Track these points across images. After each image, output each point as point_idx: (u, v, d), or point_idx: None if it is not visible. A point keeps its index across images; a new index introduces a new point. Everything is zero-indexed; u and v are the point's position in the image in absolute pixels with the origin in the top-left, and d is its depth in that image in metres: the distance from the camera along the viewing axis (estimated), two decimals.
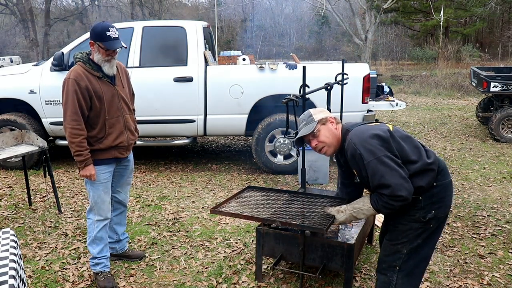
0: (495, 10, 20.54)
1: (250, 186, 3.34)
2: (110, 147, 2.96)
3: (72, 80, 2.81)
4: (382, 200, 2.16)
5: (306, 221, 2.57)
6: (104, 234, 3.07)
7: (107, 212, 3.06)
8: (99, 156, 2.94)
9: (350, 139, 2.23)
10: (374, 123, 2.34)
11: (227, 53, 6.47)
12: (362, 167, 2.20)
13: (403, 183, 2.10)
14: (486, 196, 4.80)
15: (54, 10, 30.01)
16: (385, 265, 2.34)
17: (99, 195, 2.99)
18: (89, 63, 2.88)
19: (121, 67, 3.10)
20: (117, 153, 3.02)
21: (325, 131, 2.37)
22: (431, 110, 10.90)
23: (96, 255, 3.05)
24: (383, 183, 2.11)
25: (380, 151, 2.12)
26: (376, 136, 2.16)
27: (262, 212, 2.77)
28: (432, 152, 2.29)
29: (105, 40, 2.80)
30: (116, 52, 2.90)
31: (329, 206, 2.60)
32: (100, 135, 2.92)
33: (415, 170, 2.17)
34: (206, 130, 5.69)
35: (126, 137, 3.04)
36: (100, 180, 2.97)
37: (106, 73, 2.90)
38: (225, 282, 3.11)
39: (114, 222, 3.32)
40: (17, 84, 5.75)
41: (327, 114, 2.43)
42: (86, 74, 2.85)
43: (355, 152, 2.18)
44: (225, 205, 2.90)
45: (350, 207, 2.38)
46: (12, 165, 5.91)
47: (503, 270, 3.25)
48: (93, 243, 3.05)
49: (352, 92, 5.23)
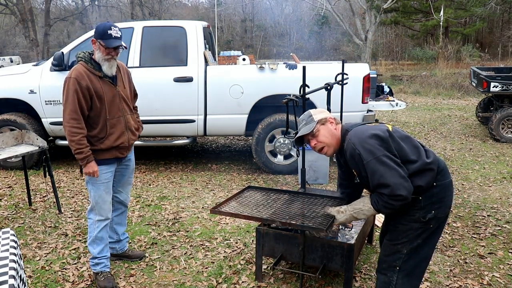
0: (495, 10, 20.54)
1: (250, 186, 3.34)
2: (111, 147, 2.96)
3: (73, 79, 2.81)
4: (382, 200, 2.16)
5: (306, 221, 2.57)
6: (104, 234, 3.07)
7: (108, 212, 3.06)
8: (100, 156, 2.94)
9: (349, 139, 2.24)
10: (373, 124, 2.34)
11: (227, 53, 6.47)
12: (361, 167, 2.20)
13: (403, 182, 2.10)
14: (486, 196, 4.80)
15: (54, 10, 29.99)
16: (385, 265, 2.34)
17: (100, 195, 2.99)
18: (91, 62, 2.89)
19: (123, 68, 3.11)
20: (118, 153, 3.02)
21: (325, 131, 2.38)
22: (431, 110, 10.90)
23: (96, 255, 3.06)
24: (383, 183, 2.12)
25: (379, 151, 2.13)
26: (375, 136, 2.16)
27: (262, 212, 2.77)
28: (431, 152, 2.29)
29: (105, 38, 2.81)
30: (118, 52, 2.90)
31: (329, 206, 2.60)
32: (101, 135, 2.92)
33: (414, 170, 2.17)
34: (206, 130, 5.69)
35: (127, 138, 3.04)
36: (101, 180, 2.97)
37: (105, 73, 2.90)
38: (225, 282, 3.11)
39: (115, 222, 3.32)
40: (17, 84, 5.75)
41: (327, 114, 2.44)
42: (88, 73, 2.85)
43: (354, 152, 2.19)
44: (225, 205, 2.90)
45: (350, 208, 2.37)
46: (12, 165, 5.91)
47: (503, 270, 3.25)
48: (94, 243, 3.06)
49: (352, 92, 5.23)
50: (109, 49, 2.84)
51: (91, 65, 2.88)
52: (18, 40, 30.08)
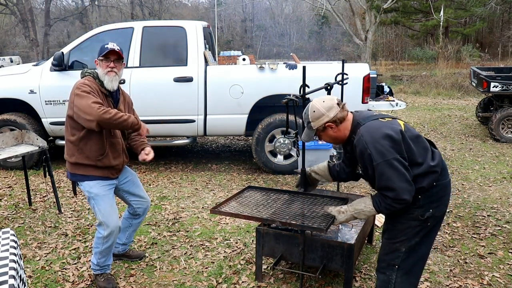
0: (495, 10, 20.53)
1: (250, 186, 3.34)
2: (105, 167, 2.92)
3: (87, 83, 2.80)
4: (386, 202, 2.19)
5: (306, 221, 2.57)
6: (111, 246, 3.00)
7: (116, 222, 2.95)
8: (91, 172, 2.90)
9: (361, 135, 2.20)
10: (386, 119, 2.28)
11: (227, 53, 6.47)
12: (369, 166, 2.20)
13: (407, 187, 2.13)
14: (486, 196, 4.80)
15: (54, 10, 30.00)
16: (384, 264, 2.35)
17: (105, 208, 2.91)
18: (98, 79, 2.88)
19: (124, 96, 3.11)
20: (110, 174, 2.97)
21: (325, 136, 2.38)
22: (431, 110, 10.90)
23: (101, 265, 3.02)
24: (390, 186, 2.14)
25: (390, 153, 2.12)
26: (388, 136, 2.14)
27: (262, 212, 2.77)
28: (438, 153, 2.30)
29: (102, 52, 2.84)
30: (119, 67, 2.89)
31: (329, 206, 2.59)
32: (101, 152, 2.88)
33: (420, 172, 2.19)
34: (206, 130, 5.69)
35: (122, 160, 3.03)
36: (102, 192, 2.92)
37: (106, 87, 2.87)
38: (225, 282, 3.11)
39: (133, 228, 3.32)
40: (17, 84, 5.75)
41: (326, 118, 2.29)
42: (95, 87, 2.83)
43: (365, 151, 2.18)
44: (225, 205, 2.90)
45: (351, 208, 2.38)
46: (12, 165, 5.91)
47: (503, 270, 3.25)
48: (99, 254, 2.99)
49: (352, 92, 5.23)
50: (108, 61, 2.83)
51: (98, 82, 2.88)
52: (18, 40, 30.08)
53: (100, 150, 2.88)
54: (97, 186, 2.92)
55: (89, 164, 2.88)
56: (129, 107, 3.15)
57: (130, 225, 3.29)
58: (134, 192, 3.19)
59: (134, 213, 3.23)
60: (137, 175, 3.30)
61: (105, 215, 2.90)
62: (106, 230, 2.90)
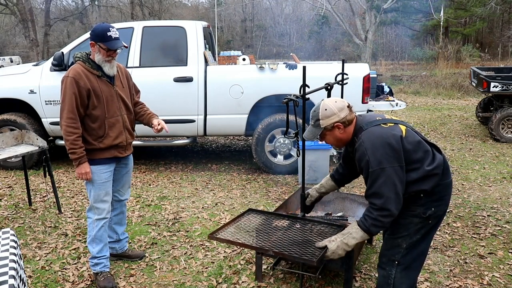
0: (495, 10, 20.51)
1: (250, 209, 3.26)
2: (110, 147, 2.97)
3: (71, 78, 2.82)
4: (371, 216, 2.21)
5: (301, 249, 2.52)
6: (103, 234, 3.07)
7: (106, 212, 3.06)
8: (99, 155, 2.95)
9: (362, 141, 2.23)
10: (388, 125, 2.28)
11: (227, 53, 6.47)
12: (365, 171, 2.23)
13: (395, 199, 2.16)
14: (486, 196, 4.80)
15: (54, 10, 29.98)
16: (384, 259, 2.39)
17: (99, 194, 3.00)
18: (89, 62, 2.90)
19: (120, 68, 3.11)
20: (117, 153, 3.03)
21: (330, 136, 2.38)
22: (431, 110, 10.90)
23: (96, 254, 3.06)
24: (378, 193, 2.17)
25: (387, 162, 2.15)
26: (388, 145, 2.17)
27: (260, 238, 2.74)
28: (439, 156, 2.31)
29: (106, 40, 2.82)
30: (117, 52, 2.92)
31: (319, 241, 2.50)
32: (100, 134, 2.93)
33: (418, 177, 2.22)
34: (206, 130, 5.69)
35: (125, 137, 3.05)
36: (100, 180, 2.98)
37: (106, 73, 2.92)
38: (225, 282, 3.11)
39: (114, 222, 3.33)
40: (17, 84, 5.75)
41: (336, 118, 2.30)
42: (86, 72, 2.86)
43: (363, 157, 2.21)
44: (223, 230, 2.85)
45: (339, 235, 2.38)
46: (12, 165, 5.91)
47: (503, 270, 3.25)
48: (93, 242, 3.06)
49: (352, 92, 5.23)
50: (111, 51, 2.85)
51: (89, 65, 2.89)
52: (18, 40, 30.06)
53: (99, 131, 2.92)
54: (98, 174, 2.97)
55: (93, 148, 2.93)
56: (127, 79, 3.17)
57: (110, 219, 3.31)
58: (119, 186, 3.26)
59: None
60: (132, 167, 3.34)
61: (97, 202, 3.01)
62: (96, 215, 3.02)
